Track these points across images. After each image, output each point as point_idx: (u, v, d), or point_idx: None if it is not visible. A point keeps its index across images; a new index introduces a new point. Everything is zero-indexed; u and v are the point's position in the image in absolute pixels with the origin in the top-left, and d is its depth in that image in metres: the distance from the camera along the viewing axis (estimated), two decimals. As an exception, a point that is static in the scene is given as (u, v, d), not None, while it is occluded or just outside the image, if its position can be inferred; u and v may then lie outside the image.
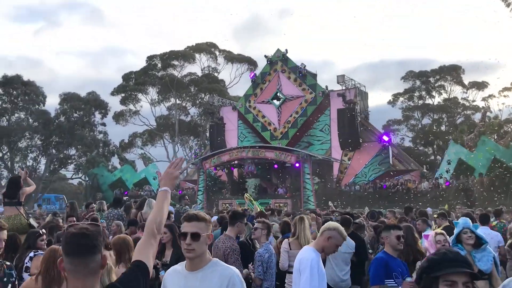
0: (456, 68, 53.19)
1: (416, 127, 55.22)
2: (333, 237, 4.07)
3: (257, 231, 5.88)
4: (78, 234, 1.99)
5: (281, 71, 36.00)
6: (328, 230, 4.12)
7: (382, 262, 4.37)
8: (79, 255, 1.97)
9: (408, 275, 4.27)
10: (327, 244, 4.08)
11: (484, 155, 27.28)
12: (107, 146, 50.69)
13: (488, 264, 4.69)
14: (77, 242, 1.96)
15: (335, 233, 4.09)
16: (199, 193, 31.49)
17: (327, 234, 4.09)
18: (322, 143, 34.33)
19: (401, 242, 4.47)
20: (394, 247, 4.46)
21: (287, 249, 6.07)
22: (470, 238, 4.78)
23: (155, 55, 52.77)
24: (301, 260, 4.03)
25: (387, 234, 4.52)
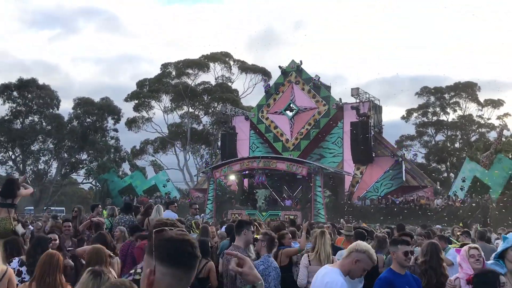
0: (472, 85, 52.68)
1: (429, 144, 54.65)
2: (362, 260, 3.56)
3: (258, 243, 5.51)
4: (184, 240, 1.71)
5: (295, 82, 35.84)
6: (356, 252, 3.61)
7: (386, 281, 4.09)
8: (186, 266, 1.68)
9: None
10: (354, 267, 3.58)
11: (500, 174, 26.76)
12: (118, 152, 50.94)
13: None
14: (185, 250, 1.69)
15: (364, 256, 3.57)
16: (208, 203, 31.26)
17: (355, 257, 3.58)
18: (334, 156, 33.97)
19: (409, 258, 4.22)
20: (401, 264, 4.19)
21: (306, 265, 5.81)
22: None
23: (170, 63, 53.04)
24: (328, 284, 3.56)
25: (394, 250, 4.25)
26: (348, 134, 32.30)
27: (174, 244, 1.69)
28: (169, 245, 1.68)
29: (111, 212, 10.03)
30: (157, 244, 1.68)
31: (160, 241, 1.70)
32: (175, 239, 1.69)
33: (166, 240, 1.70)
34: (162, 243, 1.69)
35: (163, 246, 1.68)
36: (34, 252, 4.87)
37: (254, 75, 53.30)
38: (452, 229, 11.94)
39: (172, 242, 1.69)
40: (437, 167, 54.12)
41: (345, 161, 33.14)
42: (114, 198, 35.83)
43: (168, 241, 1.69)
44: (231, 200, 32.01)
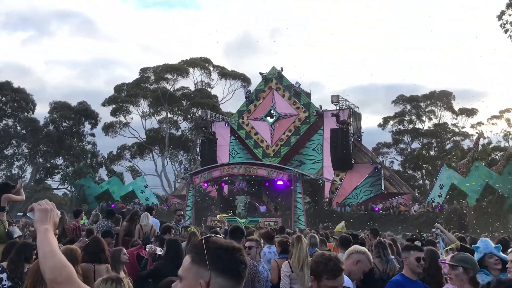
0: (447, 94, 53.83)
1: (405, 151, 55.51)
2: (362, 261, 3.71)
3: (252, 250, 5.47)
4: (238, 249, 1.63)
5: (276, 89, 35.97)
6: (356, 253, 3.76)
7: (398, 285, 4.11)
8: (241, 277, 1.60)
9: None
10: (355, 268, 3.70)
11: (477, 181, 27.30)
12: (95, 157, 50.11)
13: None
14: (242, 260, 1.62)
15: (364, 257, 3.73)
16: (187, 209, 30.90)
17: (356, 258, 3.72)
18: (314, 163, 34.15)
19: (421, 264, 4.23)
20: (413, 270, 4.20)
21: (288, 273, 5.69)
22: (498, 263, 4.50)
23: (148, 68, 52.68)
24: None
25: (406, 255, 4.27)
26: (328, 141, 32.54)
27: (232, 254, 1.61)
28: (228, 255, 1.60)
29: (95, 219, 9.88)
30: (213, 253, 1.58)
31: (217, 251, 1.60)
32: (231, 248, 1.61)
33: (224, 250, 1.61)
34: (220, 253, 1.60)
35: (222, 256, 1.59)
36: (17, 259, 4.67)
37: (234, 81, 53.35)
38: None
39: (230, 251, 1.61)
40: (412, 175, 55.01)
41: (325, 168, 33.34)
42: (91, 204, 35.23)
43: (226, 251, 1.60)
44: (210, 206, 31.77)
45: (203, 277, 1.56)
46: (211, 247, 1.59)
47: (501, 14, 29.74)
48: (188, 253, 1.66)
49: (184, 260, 1.65)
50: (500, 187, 26.83)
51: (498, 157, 40.99)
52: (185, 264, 1.63)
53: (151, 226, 8.50)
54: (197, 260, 1.59)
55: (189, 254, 1.65)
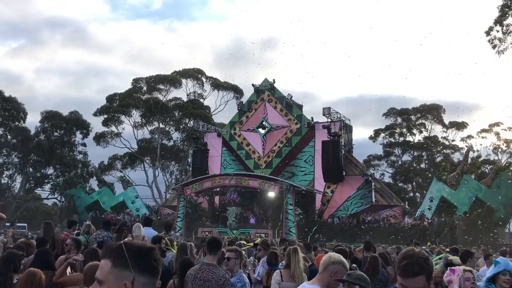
0: (437, 107, 54.36)
1: (396, 164, 55.84)
2: (339, 272, 3.61)
3: (231, 261, 5.39)
4: (155, 249, 1.74)
5: (268, 101, 36.16)
6: (333, 264, 3.63)
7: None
8: (159, 274, 1.73)
9: None
10: (333, 280, 3.61)
11: (467, 194, 27.54)
12: (86, 167, 49.85)
13: None
14: (155, 258, 1.72)
15: (340, 267, 3.62)
16: (178, 220, 30.82)
17: (332, 269, 3.62)
18: (305, 174, 34.26)
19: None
20: None
21: (279, 281, 5.74)
22: (508, 282, 4.50)
23: (141, 78, 52.69)
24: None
25: None
26: (319, 153, 32.70)
27: (149, 254, 1.70)
28: (146, 256, 1.69)
29: (87, 229, 9.77)
30: (133, 255, 1.67)
31: (136, 252, 1.68)
32: (147, 249, 1.71)
33: (142, 251, 1.70)
34: (140, 254, 1.68)
35: (141, 257, 1.69)
36: (6, 270, 4.60)
37: (226, 92, 53.53)
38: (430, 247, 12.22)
39: (147, 252, 1.70)
40: (403, 187, 55.30)
41: (316, 180, 33.44)
42: (81, 214, 34.95)
43: (144, 252, 1.70)
44: (201, 217, 31.70)
45: (127, 278, 1.64)
46: (131, 250, 1.67)
47: (489, 30, 30.26)
48: (106, 258, 1.71)
49: (103, 264, 1.70)
50: (489, 200, 27.11)
51: (488, 170, 41.42)
52: (105, 268, 1.67)
53: (142, 237, 8.48)
54: (118, 264, 1.66)
55: (107, 259, 1.69)
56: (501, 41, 29.73)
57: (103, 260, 1.71)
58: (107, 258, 1.69)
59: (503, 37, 29.61)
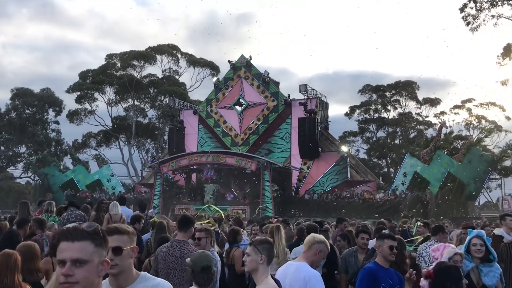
0: (411, 83, 54.96)
1: (371, 140, 56.59)
2: (323, 251, 3.85)
3: (202, 241, 5.49)
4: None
5: (244, 78, 35.95)
6: (317, 244, 3.86)
7: (370, 272, 4.26)
8: None
9: (401, 287, 4.18)
10: (316, 258, 3.84)
11: (439, 169, 28.16)
12: (59, 145, 49.11)
13: (494, 280, 4.60)
14: None
15: (323, 246, 3.85)
16: (155, 198, 30.77)
17: (317, 248, 3.84)
18: (282, 151, 34.45)
19: (394, 253, 4.37)
20: (386, 258, 4.35)
21: None
22: (479, 251, 4.67)
23: (115, 54, 51.60)
24: (307, 278, 3.75)
25: (380, 243, 4.42)
26: (296, 130, 32.86)
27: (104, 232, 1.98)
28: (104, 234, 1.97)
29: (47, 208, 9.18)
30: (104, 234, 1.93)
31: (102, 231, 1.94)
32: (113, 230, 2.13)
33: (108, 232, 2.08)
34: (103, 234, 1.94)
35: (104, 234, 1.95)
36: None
37: (202, 69, 52.88)
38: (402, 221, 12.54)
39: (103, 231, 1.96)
40: (378, 163, 56.28)
41: (293, 156, 33.69)
42: (55, 193, 34.55)
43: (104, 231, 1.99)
44: (178, 195, 31.67)
45: (104, 256, 1.89)
46: (102, 231, 1.93)
47: (464, 7, 30.53)
48: (85, 239, 1.84)
49: (85, 245, 1.83)
50: (461, 175, 27.83)
51: (460, 146, 42.39)
52: (89, 249, 1.83)
53: (120, 216, 8.45)
54: (99, 244, 1.87)
55: (87, 240, 1.84)
56: (475, 18, 30.05)
57: (82, 242, 1.83)
58: (87, 239, 1.83)
59: (476, 13, 29.92)
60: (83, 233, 1.85)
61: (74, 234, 1.85)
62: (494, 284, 4.60)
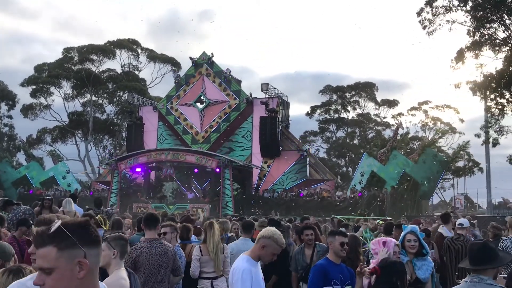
0: (371, 85, 56.28)
1: (330, 139, 57.55)
2: (268, 246, 3.81)
3: (167, 236, 5.69)
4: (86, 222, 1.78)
5: (206, 75, 35.71)
6: (262, 238, 3.85)
7: (321, 269, 4.36)
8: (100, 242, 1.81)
9: (352, 283, 4.26)
10: (263, 252, 3.83)
11: (395, 169, 28.91)
12: (12, 140, 47.34)
13: (427, 273, 4.78)
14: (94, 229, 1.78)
15: (269, 241, 3.81)
16: (112, 195, 30.16)
17: (261, 243, 3.83)
18: (243, 150, 34.45)
19: (345, 249, 4.49)
20: (337, 254, 4.47)
21: (198, 256, 5.97)
22: (413, 247, 4.84)
23: (72, 48, 50.17)
24: (233, 271, 3.83)
25: (331, 240, 4.52)
26: (257, 128, 32.92)
27: (87, 227, 1.75)
28: (86, 229, 1.73)
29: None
30: (77, 234, 1.69)
31: (77, 230, 1.70)
32: (84, 223, 1.76)
33: (81, 227, 1.72)
34: (82, 231, 1.71)
35: (83, 232, 1.71)
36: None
37: (163, 64, 52.20)
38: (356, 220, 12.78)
39: (86, 226, 1.74)
40: (337, 162, 57.26)
41: (254, 155, 33.76)
42: (7, 190, 33.40)
43: (83, 227, 1.73)
44: (136, 193, 31.16)
45: (78, 256, 1.67)
46: (71, 228, 1.68)
47: (420, 11, 31.35)
48: (46, 245, 1.67)
49: (46, 252, 1.66)
50: (415, 174, 28.68)
51: (416, 146, 43.68)
52: (51, 256, 1.65)
53: (74, 213, 8.19)
54: (64, 246, 1.66)
55: (49, 245, 1.66)
56: (431, 22, 30.92)
57: (44, 248, 1.66)
58: (48, 244, 1.65)
59: (432, 18, 30.80)
60: (44, 238, 1.67)
61: (36, 240, 1.71)
62: (427, 277, 4.80)
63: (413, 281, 4.70)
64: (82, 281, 1.67)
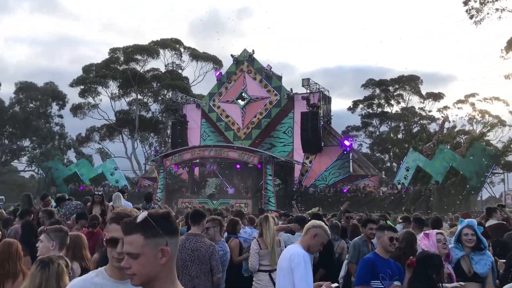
0: (415, 78, 54.85)
1: (374, 134, 56.52)
2: (319, 235, 3.94)
3: (210, 230, 5.77)
4: (168, 213, 1.92)
5: (247, 72, 35.96)
6: (314, 228, 3.99)
7: (369, 263, 4.37)
8: (179, 232, 1.97)
9: (400, 278, 4.26)
10: (313, 242, 3.95)
11: (441, 163, 28.14)
12: (63, 139, 49.33)
13: (485, 268, 4.66)
14: (174, 220, 1.94)
15: (320, 230, 3.96)
16: (158, 191, 30.90)
17: (313, 232, 3.95)
18: (284, 145, 34.50)
19: (394, 244, 4.45)
20: (385, 248, 4.44)
21: (257, 250, 6.00)
22: (470, 241, 4.73)
23: (118, 48, 51.59)
24: (292, 256, 3.88)
25: (380, 234, 4.51)
26: (298, 124, 32.86)
27: (169, 218, 1.91)
28: (167, 220, 1.89)
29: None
30: (160, 224, 1.86)
31: (161, 220, 1.87)
32: (166, 214, 1.91)
33: (164, 218, 1.89)
34: (164, 221, 1.87)
35: (165, 223, 1.88)
36: None
37: (205, 63, 52.86)
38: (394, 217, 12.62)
39: (167, 217, 1.90)
40: (380, 157, 56.19)
41: (295, 150, 33.73)
42: (59, 186, 34.74)
43: (166, 218, 1.89)
44: (181, 189, 31.81)
45: (161, 244, 1.83)
46: (156, 220, 1.85)
47: (467, 0, 30.40)
48: (133, 232, 1.84)
49: (133, 240, 1.84)
50: (463, 169, 27.80)
51: (463, 140, 42.30)
52: (138, 243, 1.83)
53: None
54: (150, 235, 1.84)
55: (136, 233, 1.84)
56: (478, 11, 29.90)
57: (132, 236, 1.85)
58: (135, 232, 1.84)
59: (480, 7, 29.78)
60: (132, 226, 1.86)
61: (125, 228, 1.89)
62: (486, 272, 4.66)
63: (472, 276, 4.64)
64: (163, 266, 1.84)
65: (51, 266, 3.19)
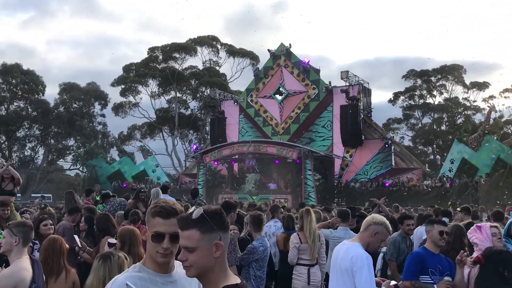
0: (458, 67, 52.97)
1: (416, 126, 55.07)
2: (380, 232, 3.68)
3: (249, 225, 5.84)
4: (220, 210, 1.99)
5: (284, 66, 35.72)
6: (374, 225, 3.70)
7: (418, 257, 4.23)
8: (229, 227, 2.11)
9: (451, 273, 4.05)
10: (373, 239, 3.69)
11: (488, 155, 27.09)
12: (106, 137, 50.58)
13: None
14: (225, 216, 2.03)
15: (382, 228, 3.68)
16: (198, 187, 31.14)
17: (373, 229, 3.69)
18: (324, 139, 34.10)
19: (444, 238, 4.28)
20: (435, 243, 4.28)
21: (298, 244, 5.93)
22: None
23: (157, 47, 52.38)
24: (354, 258, 3.60)
25: (430, 229, 4.35)
26: (338, 118, 32.40)
27: (221, 214, 2.00)
28: (220, 216, 1.99)
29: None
30: (215, 219, 1.96)
31: (215, 216, 1.97)
32: (219, 211, 2.00)
33: (217, 214, 1.98)
34: (217, 217, 1.97)
35: (219, 218, 1.98)
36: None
37: (242, 59, 52.90)
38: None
39: (220, 213, 1.99)
40: (423, 150, 54.71)
41: (335, 144, 33.28)
42: (103, 184, 35.66)
43: (219, 214, 1.99)
44: (221, 184, 32.02)
45: (216, 238, 1.94)
46: (211, 215, 1.95)
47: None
48: (190, 228, 1.93)
49: (190, 234, 1.93)
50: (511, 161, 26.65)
51: (510, 130, 40.61)
52: (194, 237, 1.93)
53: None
54: (205, 230, 1.94)
55: (193, 229, 1.93)
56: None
57: (188, 231, 1.94)
58: (192, 228, 1.93)
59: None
60: (188, 222, 1.94)
61: (182, 223, 1.97)
62: None
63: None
64: (217, 260, 1.94)
65: (112, 258, 3.32)
